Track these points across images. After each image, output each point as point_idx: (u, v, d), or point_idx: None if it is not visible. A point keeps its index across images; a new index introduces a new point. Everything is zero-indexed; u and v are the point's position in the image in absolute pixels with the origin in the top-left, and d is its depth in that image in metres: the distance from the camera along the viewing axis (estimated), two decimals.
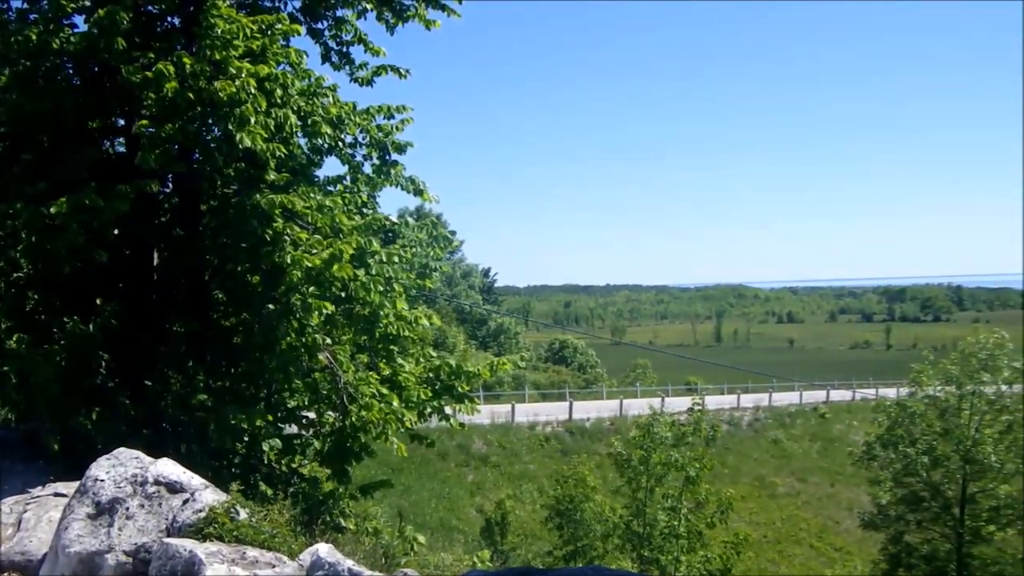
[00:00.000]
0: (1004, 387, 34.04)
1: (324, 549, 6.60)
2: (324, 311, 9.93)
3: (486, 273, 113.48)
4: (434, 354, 12.11)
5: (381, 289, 10.28)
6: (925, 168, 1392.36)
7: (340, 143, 11.72)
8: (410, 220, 13.05)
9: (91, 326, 10.15)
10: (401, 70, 12.37)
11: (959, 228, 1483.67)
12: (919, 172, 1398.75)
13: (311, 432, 11.65)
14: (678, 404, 38.96)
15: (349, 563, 6.42)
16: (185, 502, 7.57)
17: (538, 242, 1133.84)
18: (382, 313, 10.42)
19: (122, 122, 11.33)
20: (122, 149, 11.49)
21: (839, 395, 76.44)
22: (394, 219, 12.47)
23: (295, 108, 10.46)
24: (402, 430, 10.89)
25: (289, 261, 9.72)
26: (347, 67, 12.52)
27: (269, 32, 10.27)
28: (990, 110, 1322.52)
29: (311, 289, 9.97)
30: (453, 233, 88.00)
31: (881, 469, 36.96)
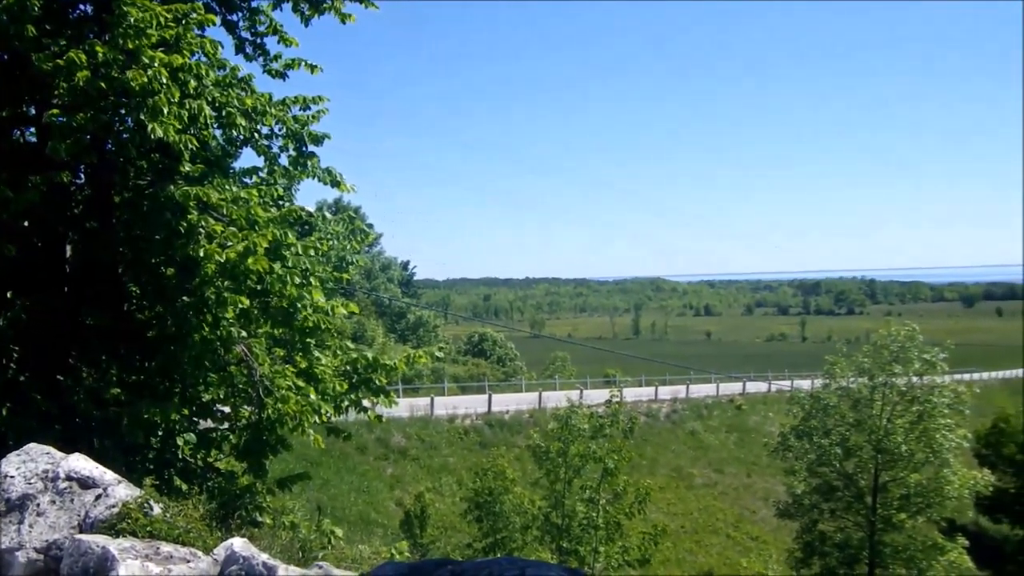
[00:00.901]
0: (915, 378, 34.66)
1: (239, 543, 6.54)
2: (239, 305, 9.84)
3: (405, 266, 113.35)
4: (351, 346, 12.04)
5: (298, 282, 10.20)
6: (837, 165, 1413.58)
7: (256, 134, 11.60)
8: (327, 214, 12.95)
9: (1, 320, 9.97)
10: (314, 65, 12.30)
11: (873, 223, 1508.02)
12: (832, 168, 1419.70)
13: (227, 426, 11.55)
14: (597, 396, 39.21)
15: (264, 557, 6.36)
16: (98, 498, 7.45)
17: (458, 235, 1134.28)
18: (300, 306, 10.33)
19: (33, 111, 11.11)
20: (33, 139, 11.27)
21: (755, 387, 77.46)
22: (311, 211, 12.39)
23: (209, 99, 10.33)
24: (319, 423, 10.84)
25: (203, 254, 9.62)
26: (261, 58, 12.40)
27: (183, 21, 10.11)
28: (899, 108, 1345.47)
29: (226, 282, 9.88)
30: (371, 226, 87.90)
31: (796, 459, 37.50)
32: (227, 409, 11.52)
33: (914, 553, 33.88)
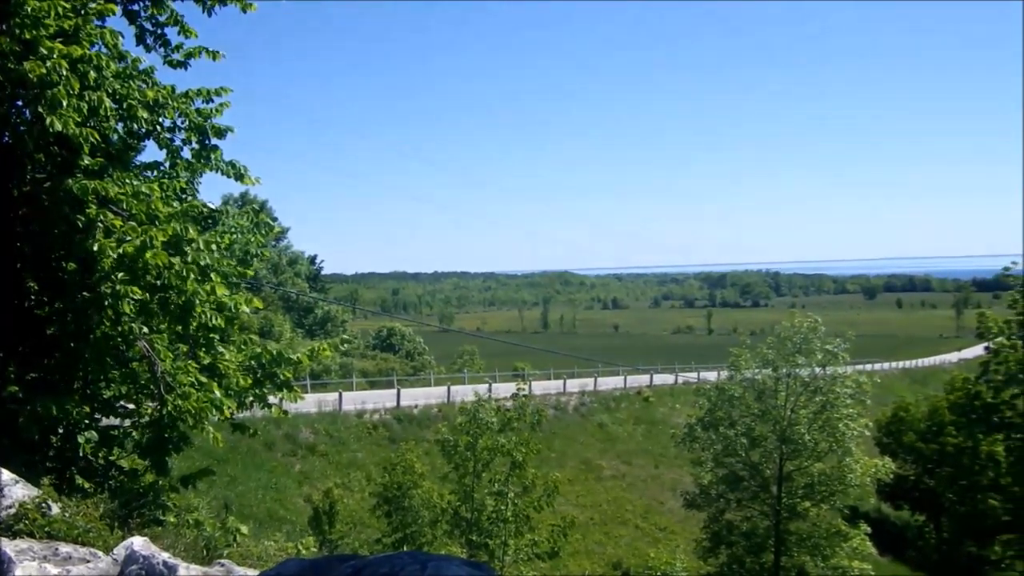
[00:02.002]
0: (818, 369, 35.22)
1: (139, 542, 6.44)
2: (134, 297, 9.66)
3: (313, 260, 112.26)
4: (255, 341, 11.91)
5: (198, 277, 10.06)
6: (741, 160, 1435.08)
7: (158, 127, 11.40)
8: (231, 209, 12.78)
9: None
10: (215, 52, 12.10)
11: (778, 217, 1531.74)
12: (736, 163, 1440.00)
13: (129, 423, 11.37)
14: (506, 390, 39.31)
15: (165, 556, 6.28)
16: None
17: (366, 229, 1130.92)
18: (197, 301, 10.18)
19: None
20: None
21: (662, 379, 78.07)
22: (213, 205, 12.22)
23: (110, 91, 10.14)
24: (221, 419, 10.72)
25: (98, 248, 9.45)
26: (161, 49, 12.16)
27: (83, 11, 9.93)
28: (802, 104, 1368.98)
29: (122, 276, 9.70)
30: (275, 220, 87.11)
31: (702, 450, 37.91)
32: (131, 406, 11.35)
33: (818, 540, 34.51)
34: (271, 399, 11.60)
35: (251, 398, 11.17)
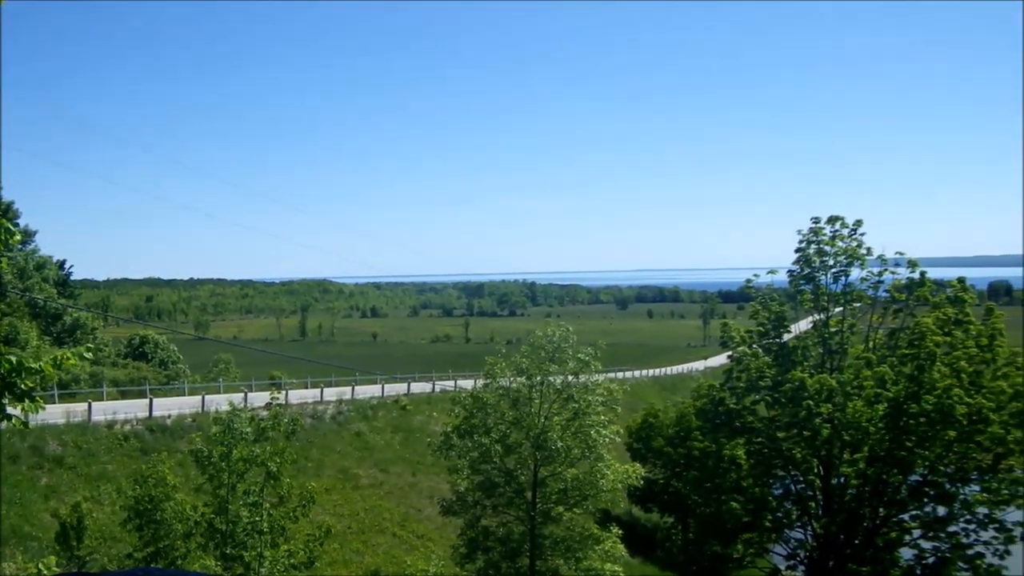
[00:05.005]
0: (570, 377, 35.98)
1: None
2: None
3: (62, 265, 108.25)
4: None
5: None
6: (497, 173, 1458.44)
7: None
8: None
9: None
10: None
11: (534, 229, 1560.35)
12: (490, 176, 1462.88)
13: None
14: (262, 399, 38.94)
15: None
16: None
17: (119, 234, 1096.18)
18: None
19: None
20: None
21: (420, 387, 78.59)
22: None
23: None
24: None
25: None
26: None
27: None
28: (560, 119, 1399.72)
29: None
30: (17, 225, 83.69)
31: (459, 457, 38.15)
32: None
33: (572, 544, 35.20)
34: (11, 410, 11.25)
35: None
